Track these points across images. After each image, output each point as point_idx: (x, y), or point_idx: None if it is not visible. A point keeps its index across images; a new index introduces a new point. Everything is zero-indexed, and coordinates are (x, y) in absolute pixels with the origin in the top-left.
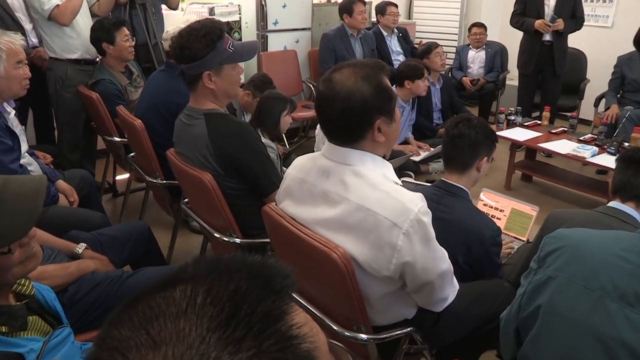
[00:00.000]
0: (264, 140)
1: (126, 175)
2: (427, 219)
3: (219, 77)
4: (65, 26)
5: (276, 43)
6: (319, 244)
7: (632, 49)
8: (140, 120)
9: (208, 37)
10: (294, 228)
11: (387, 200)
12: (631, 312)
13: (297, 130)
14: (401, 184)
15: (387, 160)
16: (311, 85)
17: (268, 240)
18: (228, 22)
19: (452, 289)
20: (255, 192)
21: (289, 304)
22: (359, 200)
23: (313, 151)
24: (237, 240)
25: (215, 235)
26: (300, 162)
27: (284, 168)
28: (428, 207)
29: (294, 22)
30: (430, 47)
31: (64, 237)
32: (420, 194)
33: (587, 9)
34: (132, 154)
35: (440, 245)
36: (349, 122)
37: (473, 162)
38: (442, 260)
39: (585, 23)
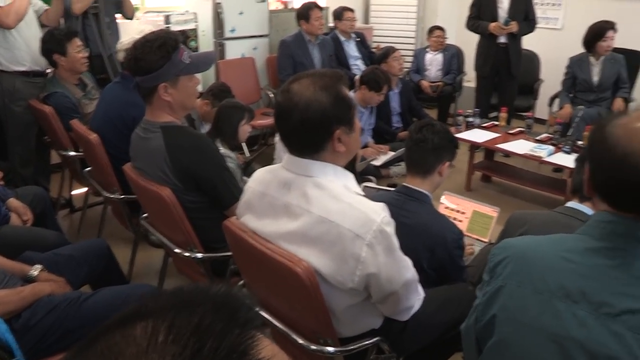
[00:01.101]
0: (223, 150)
1: (83, 190)
2: (390, 229)
3: (175, 89)
4: (10, 28)
5: (234, 51)
6: (282, 258)
7: (582, 50)
8: (95, 134)
9: (163, 48)
10: (256, 243)
11: (350, 211)
12: (577, 309)
13: (257, 138)
14: (363, 194)
15: (351, 165)
16: (270, 93)
17: (230, 254)
18: (184, 30)
19: (417, 297)
20: (216, 205)
21: (255, 337)
22: (321, 212)
23: (273, 159)
24: (199, 255)
25: (176, 250)
26: (260, 175)
27: (244, 178)
28: (391, 212)
29: (251, 29)
30: (388, 52)
31: (18, 259)
32: (382, 204)
33: (538, 11)
34: (89, 168)
35: (404, 250)
36: (309, 133)
37: (435, 167)
38: (406, 269)
39: (537, 25)
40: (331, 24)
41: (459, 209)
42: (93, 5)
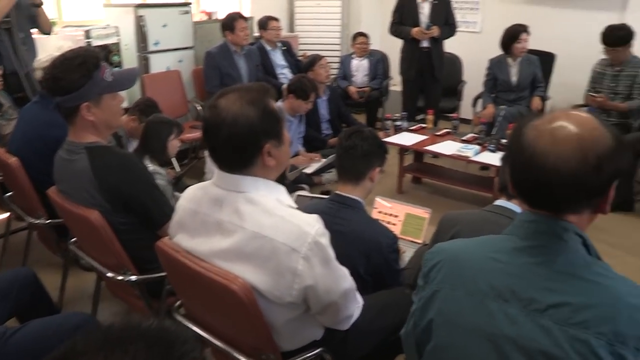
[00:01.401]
0: (152, 167)
1: (5, 215)
2: (325, 240)
3: (98, 108)
4: None
5: (159, 64)
6: (217, 277)
7: (500, 51)
8: (15, 158)
9: (84, 66)
10: (190, 262)
11: (283, 225)
12: (508, 308)
13: (187, 152)
14: (296, 206)
15: (282, 177)
16: (197, 105)
17: (166, 274)
18: (106, 44)
19: (356, 306)
20: (147, 225)
21: None
22: (255, 227)
23: (204, 172)
24: (133, 278)
25: (109, 275)
26: (191, 193)
27: (176, 193)
28: (325, 220)
29: (175, 42)
30: (315, 60)
31: None
32: (315, 215)
33: (458, 15)
34: (10, 193)
35: (341, 258)
36: (238, 148)
37: (366, 173)
38: (343, 279)
39: (457, 29)
40: (256, 34)
41: (391, 212)
42: (4, 20)
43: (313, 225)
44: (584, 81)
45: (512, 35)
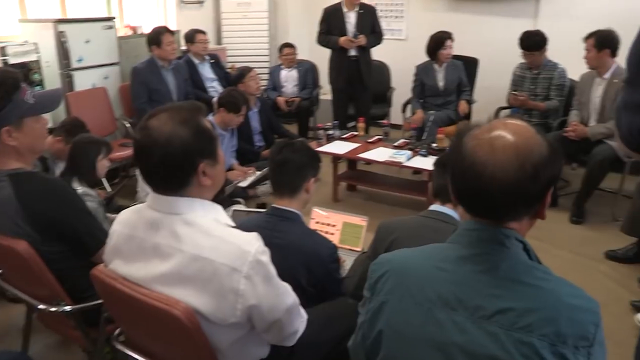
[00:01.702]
0: (81, 189)
1: None
2: (266, 257)
3: (20, 132)
4: None
5: (83, 81)
6: (158, 302)
7: (426, 58)
8: None
9: (1, 88)
10: (128, 289)
11: (223, 245)
12: (456, 316)
13: (117, 171)
14: (234, 224)
15: (218, 195)
16: (126, 123)
17: (102, 301)
18: (25, 62)
19: (300, 320)
20: (81, 252)
21: None
22: (194, 249)
23: (137, 191)
24: (67, 308)
25: (40, 307)
26: (125, 217)
27: (108, 215)
28: (264, 235)
29: (100, 58)
30: (244, 72)
31: None
32: (255, 234)
33: (384, 23)
34: None
35: (282, 271)
36: (172, 169)
37: (301, 185)
38: (286, 295)
39: (384, 37)
40: (183, 47)
41: (329, 222)
42: None
43: (253, 243)
44: (505, 84)
45: (437, 42)
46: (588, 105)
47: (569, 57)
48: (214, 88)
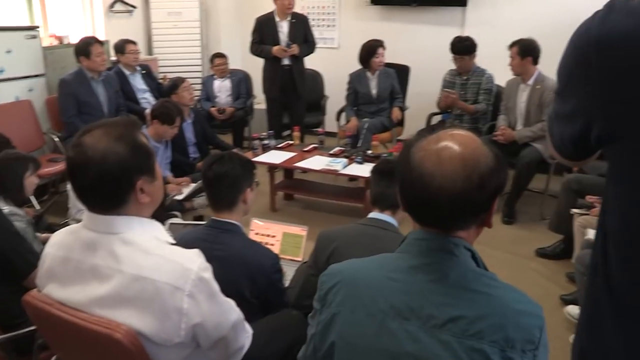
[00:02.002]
0: (8, 208)
1: None
2: (209, 274)
3: None
4: None
5: (5, 94)
6: (98, 327)
7: (359, 66)
8: None
9: None
10: (65, 314)
11: (164, 264)
12: (409, 326)
13: (46, 187)
14: (174, 241)
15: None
16: (54, 137)
17: (35, 327)
18: None
19: (246, 336)
20: (10, 276)
21: None
22: (134, 269)
23: (68, 207)
24: None
25: None
26: (59, 239)
27: (38, 234)
28: (205, 247)
29: (23, 69)
30: (177, 83)
31: None
32: (196, 250)
33: (316, 32)
34: None
35: (224, 283)
36: (108, 187)
37: (238, 198)
38: (231, 311)
39: (317, 46)
40: (113, 58)
41: (268, 232)
42: None
43: (195, 260)
44: (436, 90)
45: (370, 50)
46: (514, 110)
47: (494, 64)
48: (146, 99)
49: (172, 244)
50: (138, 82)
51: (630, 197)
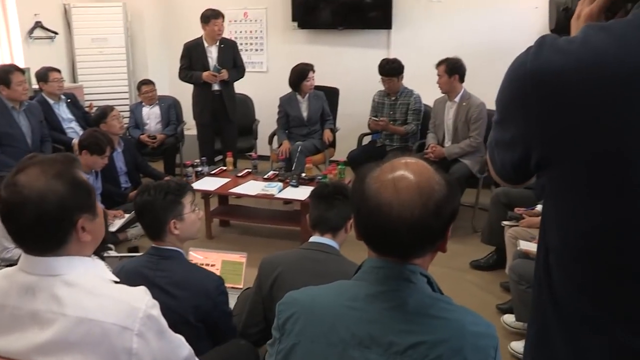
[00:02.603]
0: None
1: None
2: (157, 311)
3: None
4: None
5: None
6: None
7: (289, 89)
8: None
9: None
10: None
11: (110, 304)
12: (370, 354)
13: None
14: (118, 280)
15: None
16: None
17: None
18: None
19: None
20: None
21: None
22: (78, 312)
23: None
24: None
25: None
26: None
27: None
28: (147, 275)
29: None
30: (106, 112)
31: None
32: (142, 288)
33: (245, 56)
34: None
35: (169, 310)
36: (48, 228)
37: (163, 228)
38: (181, 348)
39: (246, 70)
40: (35, 86)
41: (207, 261)
42: None
43: (142, 298)
44: (366, 111)
45: (300, 74)
46: (442, 127)
47: (420, 83)
48: (73, 129)
49: (116, 282)
50: (63, 112)
51: (567, 217)
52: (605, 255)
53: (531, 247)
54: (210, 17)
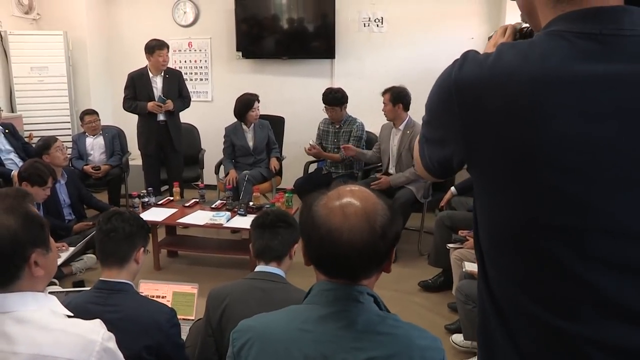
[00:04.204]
0: None
1: None
2: (113, 344)
3: None
4: None
5: None
6: None
7: (234, 119)
8: None
9: None
10: None
11: (65, 338)
12: None
13: None
14: (72, 314)
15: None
16: None
17: None
18: None
19: None
20: None
21: None
22: (32, 349)
23: None
24: None
25: None
26: None
27: None
28: (96, 311)
29: None
30: (49, 143)
31: None
32: (97, 320)
33: (190, 86)
34: None
35: (120, 345)
36: (0, 264)
37: (131, 255)
38: None
39: (193, 99)
40: None
41: (158, 294)
42: None
43: (98, 331)
44: (311, 139)
45: (246, 105)
46: (387, 153)
47: (364, 111)
48: (12, 160)
49: (70, 317)
50: (1, 143)
51: (490, 214)
52: (525, 241)
53: (476, 267)
54: (155, 47)
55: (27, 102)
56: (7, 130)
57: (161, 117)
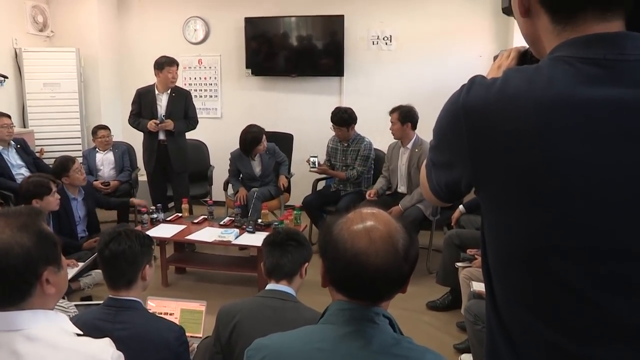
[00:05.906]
0: None
1: None
2: None
3: None
4: None
5: None
6: None
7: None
8: None
9: None
10: None
11: (75, 357)
12: None
13: None
14: (82, 333)
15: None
16: None
17: None
18: None
19: None
20: None
21: None
22: None
23: None
24: None
25: None
26: None
27: None
28: (105, 328)
29: None
30: (68, 166)
31: None
32: (107, 339)
33: (198, 103)
34: None
35: None
36: (12, 281)
37: (137, 276)
38: None
39: (201, 116)
40: None
41: (166, 311)
42: None
43: (107, 350)
44: (320, 156)
45: (252, 142)
46: (396, 172)
47: (372, 128)
48: (23, 175)
49: (80, 335)
50: (13, 157)
51: (498, 235)
52: (534, 263)
53: (483, 287)
54: (165, 64)
55: (38, 118)
56: (18, 146)
57: (162, 137)
